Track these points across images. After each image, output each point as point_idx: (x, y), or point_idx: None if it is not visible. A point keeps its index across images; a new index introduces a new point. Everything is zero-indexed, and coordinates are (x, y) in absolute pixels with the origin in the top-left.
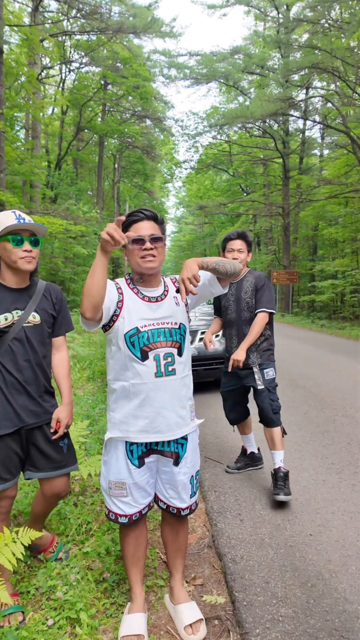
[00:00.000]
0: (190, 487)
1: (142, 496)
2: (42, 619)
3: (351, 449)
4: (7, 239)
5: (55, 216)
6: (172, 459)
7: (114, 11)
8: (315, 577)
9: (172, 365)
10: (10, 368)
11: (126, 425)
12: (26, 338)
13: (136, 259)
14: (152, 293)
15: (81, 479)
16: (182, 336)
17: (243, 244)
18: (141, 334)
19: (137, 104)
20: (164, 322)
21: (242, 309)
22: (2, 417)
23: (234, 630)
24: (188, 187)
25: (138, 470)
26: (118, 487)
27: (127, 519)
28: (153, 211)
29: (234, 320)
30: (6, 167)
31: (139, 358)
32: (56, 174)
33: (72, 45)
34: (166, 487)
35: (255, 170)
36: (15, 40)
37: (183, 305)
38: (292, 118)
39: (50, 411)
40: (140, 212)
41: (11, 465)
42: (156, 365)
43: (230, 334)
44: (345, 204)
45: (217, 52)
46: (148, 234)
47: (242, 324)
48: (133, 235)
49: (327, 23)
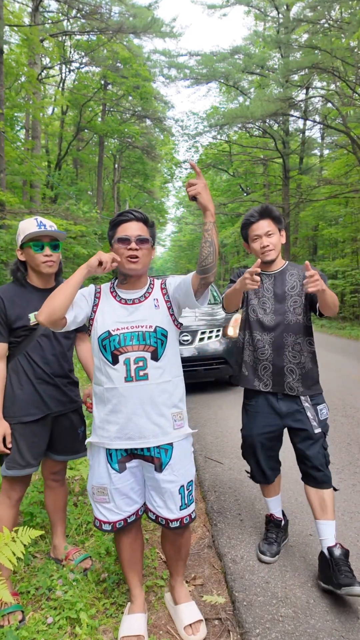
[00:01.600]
0: (180, 498)
1: (126, 503)
2: (42, 619)
3: (351, 449)
4: (29, 245)
5: (55, 216)
6: (154, 465)
7: (114, 11)
8: (315, 577)
9: (144, 370)
10: (38, 361)
11: (102, 430)
12: (53, 334)
13: (121, 258)
14: (130, 295)
15: (81, 479)
16: (158, 340)
17: (270, 223)
18: (112, 337)
19: (137, 104)
20: (137, 326)
21: (287, 309)
22: (31, 405)
23: (234, 630)
24: None
25: (119, 475)
26: (100, 492)
27: (111, 527)
28: (143, 213)
29: (271, 323)
30: (6, 167)
31: (110, 362)
32: (56, 174)
33: (72, 45)
34: (152, 494)
35: (255, 170)
36: (15, 40)
37: (165, 308)
38: (292, 118)
39: (75, 400)
40: (130, 212)
41: (37, 450)
42: (126, 369)
43: (261, 341)
44: (345, 204)
45: (217, 52)
46: (135, 235)
47: (284, 330)
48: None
49: (327, 23)
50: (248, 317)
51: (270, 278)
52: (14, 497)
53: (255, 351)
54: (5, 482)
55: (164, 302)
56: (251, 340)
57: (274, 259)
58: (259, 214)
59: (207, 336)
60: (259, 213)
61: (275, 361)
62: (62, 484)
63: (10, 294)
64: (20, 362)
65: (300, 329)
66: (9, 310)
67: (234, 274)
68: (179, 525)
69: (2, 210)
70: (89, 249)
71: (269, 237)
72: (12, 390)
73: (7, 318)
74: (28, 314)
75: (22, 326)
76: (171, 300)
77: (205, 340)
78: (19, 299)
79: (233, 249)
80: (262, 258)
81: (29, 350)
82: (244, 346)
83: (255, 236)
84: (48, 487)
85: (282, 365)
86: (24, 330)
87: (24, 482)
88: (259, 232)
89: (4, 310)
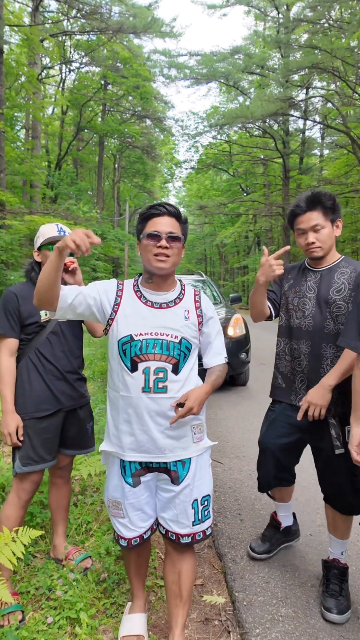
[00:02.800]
0: (193, 513)
1: (141, 518)
2: (42, 619)
3: None
4: (47, 248)
5: (56, 216)
6: (170, 478)
7: (114, 11)
8: (315, 577)
9: (164, 382)
10: (49, 357)
11: (117, 439)
12: (61, 332)
13: (148, 255)
14: (158, 298)
15: (81, 479)
16: (182, 352)
17: (319, 215)
18: (134, 343)
19: (137, 104)
20: (162, 333)
21: (328, 315)
22: (43, 400)
23: (234, 630)
24: (188, 187)
25: (133, 490)
26: (115, 507)
27: (126, 543)
28: (177, 208)
29: (308, 329)
30: (6, 167)
31: (129, 368)
32: (56, 174)
33: (72, 45)
34: (163, 506)
35: (255, 170)
36: (16, 40)
37: (196, 323)
38: (292, 118)
39: (84, 395)
40: (163, 206)
41: (51, 446)
42: (144, 379)
43: (297, 351)
44: (345, 204)
45: (217, 52)
46: (166, 231)
47: (323, 339)
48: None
49: (327, 23)
50: (288, 322)
51: (317, 275)
52: (23, 498)
53: (292, 361)
54: (16, 481)
55: (196, 317)
56: (289, 348)
57: (321, 256)
58: (306, 204)
59: None
60: (307, 203)
61: (311, 375)
62: (66, 482)
63: (24, 292)
64: (31, 359)
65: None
66: (22, 306)
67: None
68: (191, 541)
69: (2, 210)
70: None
71: (316, 232)
72: (24, 386)
73: (20, 314)
74: (40, 311)
75: (34, 322)
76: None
77: None
78: (32, 297)
79: (233, 249)
80: (307, 255)
81: (39, 347)
82: (280, 355)
83: (301, 230)
84: (53, 483)
85: (317, 379)
86: (35, 326)
87: (35, 482)
88: (304, 226)
89: (18, 307)
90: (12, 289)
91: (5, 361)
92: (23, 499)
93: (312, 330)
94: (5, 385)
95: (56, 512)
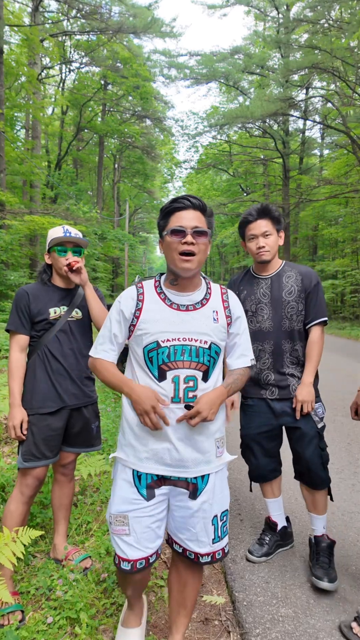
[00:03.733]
0: (213, 530)
1: (149, 538)
2: (42, 619)
3: (351, 449)
4: (54, 250)
5: (55, 216)
6: (189, 491)
7: (114, 11)
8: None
9: (194, 391)
10: (56, 355)
11: (133, 449)
12: (70, 330)
13: (173, 255)
14: (183, 299)
15: (81, 479)
16: (211, 359)
17: (268, 223)
18: (161, 350)
19: (137, 104)
20: (190, 339)
21: (284, 315)
22: (47, 398)
23: (234, 630)
24: (188, 187)
25: (145, 503)
26: (119, 522)
27: (130, 566)
28: (202, 200)
29: (269, 330)
30: (6, 167)
31: (156, 377)
32: (56, 174)
33: (72, 45)
34: (180, 526)
35: (255, 170)
36: (16, 40)
37: (225, 324)
38: (292, 118)
39: (90, 395)
40: (186, 199)
41: (52, 443)
42: (174, 388)
43: (262, 351)
44: (345, 204)
45: (217, 52)
46: (191, 226)
47: (282, 337)
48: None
49: (327, 23)
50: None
51: (267, 282)
52: (26, 494)
53: (258, 361)
54: (20, 476)
55: (225, 317)
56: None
57: (269, 260)
58: (257, 213)
59: None
60: (258, 212)
61: (276, 369)
62: (70, 480)
63: (35, 291)
64: (40, 356)
65: (296, 335)
66: (33, 304)
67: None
68: (210, 560)
69: (2, 210)
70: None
71: (265, 237)
72: (31, 382)
73: (30, 311)
74: (49, 308)
75: (43, 319)
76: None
77: None
78: (42, 295)
79: (233, 249)
80: (257, 259)
81: (48, 345)
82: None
83: (252, 236)
84: (56, 481)
85: (284, 371)
86: (45, 323)
87: (37, 479)
88: (256, 232)
89: (28, 304)
90: (24, 288)
91: (15, 356)
92: (26, 494)
93: (273, 330)
94: (14, 380)
95: (58, 510)
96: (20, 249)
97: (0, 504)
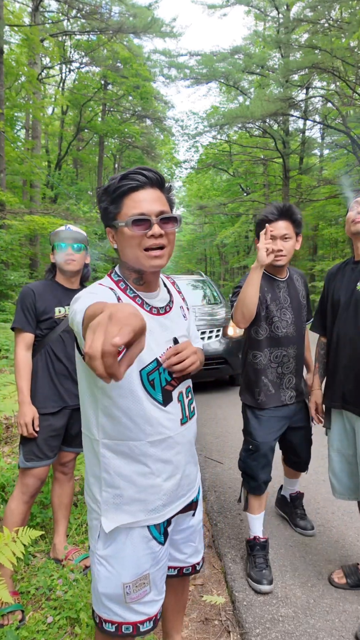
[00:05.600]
0: (201, 533)
1: (163, 578)
2: (42, 619)
3: None
4: (55, 246)
5: (56, 216)
6: (193, 511)
7: (114, 11)
8: (315, 577)
9: (193, 402)
10: (60, 356)
11: (143, 504)
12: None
13: (136, 251)
14: (156, 301)
15: (81, 479)
16: None
17: (289, 225)
18: (162, 368)
19: (137, 104)
20: None
21: (302, 319)
22: (49, 398)
23: (234, 630)
24: (188, 187)
25: (163, 548)
26: (140, 586)
27: (152, 623)
28: (158, 172)
29: (294, 335)
30: (6, 167)
31: (160, 403)
32: (56, 174)
33: (72, 45)
34: (182, 546)
35: (255, 170)
36: (16, 40)
37: (193, 319)
38: (292, 118)
39: None
40: (140, 173)
41: (54, 443)
42: (181, 407)
43: (286, 356)
44: (345, 204)
45: (217, 52)
46: (155, 212)
47: (302, 341)
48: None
49: (327, 23)
50: (274, 332)
51: (284, 285)
52: (27, 493)
53: (280, 366)
54: (21, 476)
55: (187, 311)
56: (274, 356)
57: (284, 265)
58: (278, 213)
59: (207, 336)
60: (280, 212)
61: (297, 373)
62: (70, 478)
63: (40, 289)
64: (43, 356)
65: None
66: (38, 302)
67: (243, 279)
68: (202, 563)
69: (2, 210)
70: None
71: (284, 240)
72: (34, 381)
73: (36, 309)
74: (54, 307)
75: (48, 318)
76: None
77: (206, 340)
78: (47, 294)
79: (233, 249)
80: (272, 262)
81: (52, 344)
82: (266, 366)
83: (271, 237)
84: (56, 479)
85: (302, 375)
86: (50, 322)
87: (38, 478)
88: (275, 233)
89: (34, 302)
90: (30, 285)
91: (22, 354)
92: (27, 494)
93: (297, 335)
94: (22, 378)
95: (58, 509)
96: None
97: (0, 504)
